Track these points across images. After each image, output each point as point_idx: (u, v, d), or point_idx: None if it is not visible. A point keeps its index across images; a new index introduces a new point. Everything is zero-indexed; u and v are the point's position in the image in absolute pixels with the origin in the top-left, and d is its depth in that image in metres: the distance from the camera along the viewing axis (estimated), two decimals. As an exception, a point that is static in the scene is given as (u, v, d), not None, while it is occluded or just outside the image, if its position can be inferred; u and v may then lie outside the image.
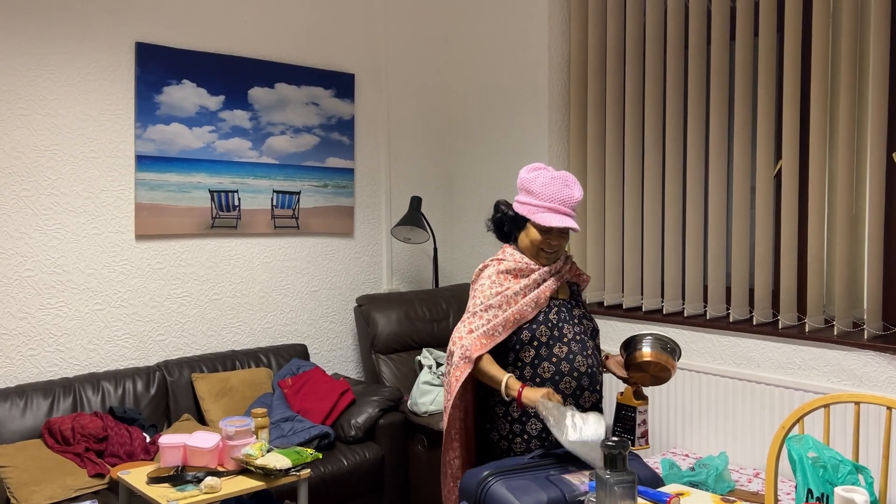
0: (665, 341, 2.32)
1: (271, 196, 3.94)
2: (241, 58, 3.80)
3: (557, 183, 2.30)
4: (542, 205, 2.29)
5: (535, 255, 2.37)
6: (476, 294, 2.35)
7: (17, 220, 3.20)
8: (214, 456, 2.62)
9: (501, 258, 2.40)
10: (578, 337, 2.33)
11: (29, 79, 3.21)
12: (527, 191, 2.33)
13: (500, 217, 2.45)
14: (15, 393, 3.07)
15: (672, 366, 2.31)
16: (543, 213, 2.29)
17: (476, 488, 2.08)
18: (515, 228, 2.42)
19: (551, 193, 2.29)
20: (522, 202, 2.35)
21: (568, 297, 2.42)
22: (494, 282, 2.34)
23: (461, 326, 2.32)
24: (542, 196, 2.29)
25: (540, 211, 2.29)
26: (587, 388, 2.29)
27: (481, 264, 2.43)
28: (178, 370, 3.49)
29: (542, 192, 2.29)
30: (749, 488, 3.06)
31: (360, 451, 3.37)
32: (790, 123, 3.25)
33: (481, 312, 2.30)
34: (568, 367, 2.27)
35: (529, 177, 2.34)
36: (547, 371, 2.27)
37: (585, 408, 2.30)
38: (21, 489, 2.75)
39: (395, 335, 3.99)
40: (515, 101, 4.26)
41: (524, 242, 2.38)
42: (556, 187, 2.29)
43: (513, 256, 2.38)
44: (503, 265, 2.36)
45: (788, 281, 3.27)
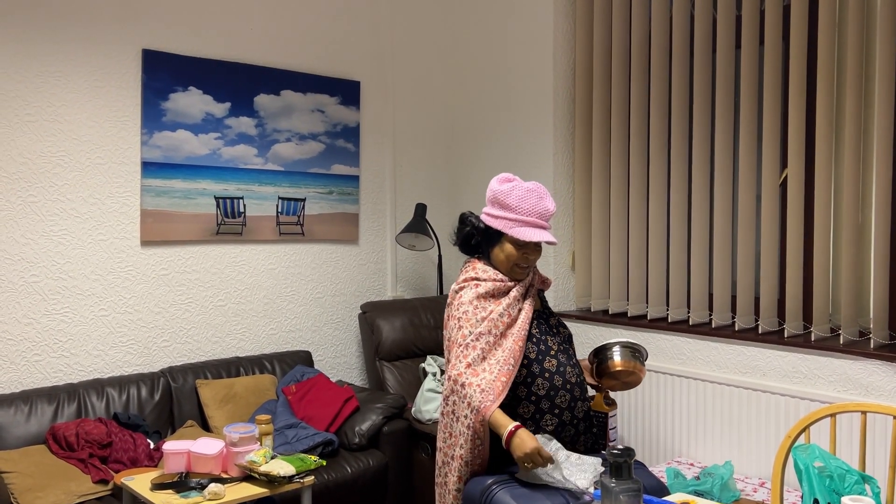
0: (634, 349, 2.34)
1: (276, 203, 3.95)
2: (246, 65, 3.82)
3: (533, 196, 2.23)
4: (518, 218, 2.22)
5: (509, 270, 2.29)
6: (461, 323, 2.22)
7: (23, 226, 3.21)
8: (218, 462, 2.62)
9: (476, 277, 2.29)
10: (562, 347, 2.32)
11: (36, 85, 3.23)
12: (500, 204, 2.24)
13: (470, 231, 2.36)
14: (20, 398, 3.08)
15: (642, 371, 2.32)
16: (521, 228, 2.22)
17: (480, 496, 2.07)
18: (487, 243, 2.33)
19: (528, 207, 2.21)
20: (496, 216, 2.26)
21: (540, 307, 2.40)
22: (477, 307, 2.23)
23: (457, 363, 2.17)
24: (519, 210, 2.21)
25: (516, 225, 2.22)
26: (579, 399, 2.28)
27: (455, 285, 2.32)
28: (182, 376, 3.49)
29: (519, 206, 2.21)
30: (754, 498, 3.04)
31: (364, 458, 3.37)
32: (796, 132, 3.24)
33: (473, 343, 2.18)
34: (561, 381, 2.25)
35: (503, 189, 2.24)
36: (542, 388, 2.21)
37: (580, 418, 2.28)
38: (25, 495, 2.75)
39: (400, 342, 3.98)
40: (520, 109, 4.27)
41: (499, 258, 2.29)
42: (533, 201, 2.22)
43: (486, 274, 2.29)
44: (482, 288, 2.26)
45: (794, 289, 3.26)
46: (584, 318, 3.98)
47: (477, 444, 2.16)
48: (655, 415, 3.65)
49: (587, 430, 2.31)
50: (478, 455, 2.18)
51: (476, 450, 2.17)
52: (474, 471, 2.20)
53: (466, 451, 2.17)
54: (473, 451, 2.16)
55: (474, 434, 2.14)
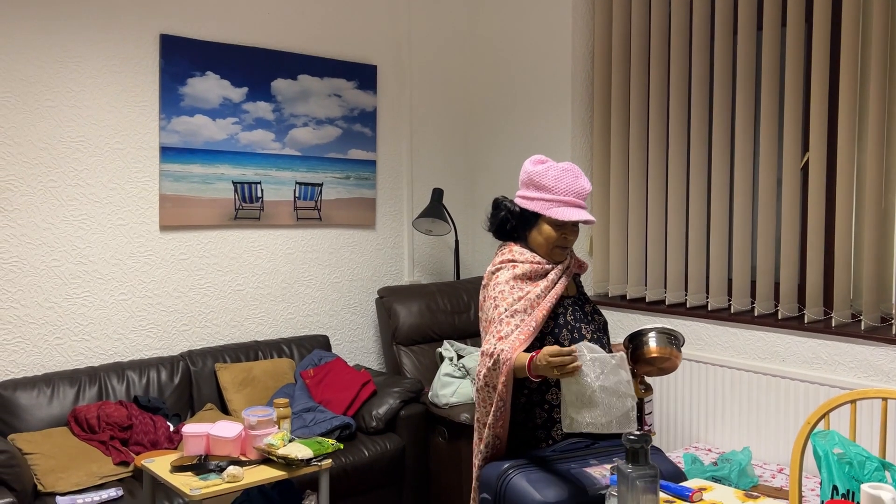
0: (670, 334, 2.29)
1: (294, 188, 3.96)
2: (264, 49, 3.81)
3: (569, 175, 2.20)
4: (555, 199, 2.19)
5: (549, 252, 2.26)
6: (497, 302, 2.19)
7: (43, 211, 3.24)
8: (237, 445, 2.64)
9: (512, 259, 2.25)
10: (596, 335, 2.29)
11: (55, 70, 3.25)
12: (536, 185, 2.21)
13: (505, 215, 2.31)
14: (42, 381, 3.12)
15: (678, 357, 2.27)
16: (559, 208, 2.19)
17: (497, 481, 2.07)
18: (523, 226, 2.28)
19: (564, 186, 2.18)
20: (532, 197, 2.23)
21: (576, 294, 2.36)
22: (514, 287, 2.20)
23: (489, 338, 2.16)
24: (556, 190, 2.18)
25: (554, 205, 2.19)
26: None
27: (491, 266, 2.27)
28: (201, 360, 3.52)
29: (556, 186, 2.18)
30: (772, 484, 3.03)
31: (382, 442, 3.38)
32: (818, 115, 3.20)
33: (507, 319, 2.15)
34: None
35: (538, 170, 2.21)
36: None
37: None
38: (48, 475, 2.79)
39: (417, 327, 3.99)
40: (539, 93, 4.24)
41: (537, 240, 2.25)
42: (569, 180, 2.19)
43: (523, 256, 2.25)
44: (518, 269, 2.22)
45: (815, 275, 3.23)
46: (602, 303, 3.96)
47: (500, 406, 2.13)
48: (674, 400, 3.63)
49: None
50: (500, 417, 2.15)
51: (499, 412, 2.14)
52: (497, 434, 2.17)
53: (490, 415, 2.15)
54: (496, 413, 2.14)
55: (498, 398, 2.12)
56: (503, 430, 2.20)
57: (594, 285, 4.09)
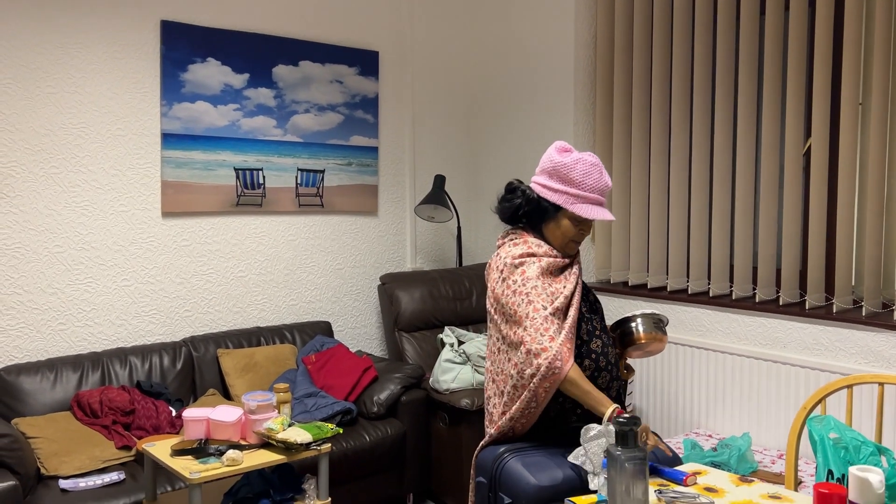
0: (656, 318, 2.35)
1: (296, 174, 3.96)
2: (265, 35, 3.81)
3: (596, 171, 2.15)
4: (581, 195, 2.13)
5: (563, 245, 2.21)
6: (531, 298, 2.08)
7: (46, 197, 3.26)
8: (237, 430, 2.66)
9: (532, 253, 2.17)
10: (602, 325, 2.29)
11: (56, 56, 3.25)
12: (562, 178, 2.14)
13: (521, 202, 2.22)
14: (45, 366, 3.14)
15: (664, 340, 2.34)
16: (583, 205, 2.14)
17: (492, 464, 2.09)
18: (539, 216, 2.21)
19: (592, 182, 2.13)
20: (556, 189, 2.16)
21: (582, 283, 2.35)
22: (546, 282, 2.12)
23: (539, 336, 2.04)
24: (583, 185, 2.13)
25: (579, 202, 2.14)
26: (615, 378, 2.25)
27: (510, 259, 2.15)
28: (203, 346, 3.54)
29: (583, 181, 2.13)
30: (772, 469, 3.03)
31: (383, 427, 3.40)
32: (820, 100, 3.18)
33: (551, 317, 2.06)
34: (604, 362, 2.20)
35: (566, 162, 2.14)
36: (588, 369, 2.15)
37: (613, 397, 2.25)
38: (51, 459, 2.82)
39: (419, 313, 4.00)
40: (541, 79, 4.22)
41: (554, 233, 2.20)
42: (596, 176, 2.14)
43: (541, 249, 2.18)
44: (544, 263, 2.14)
45: (816, 261, 3.21)
46: (603, 289, 3.96)
47: (532, 407, 2.10)
48: (674, 386, 3.64)
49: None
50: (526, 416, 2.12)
51: (528, 411, 2.11)
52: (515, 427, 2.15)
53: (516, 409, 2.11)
54: (525, 411, 2.11)
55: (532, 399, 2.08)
56: (524, 427, 2.17)
57: (596, 272, 4.08)
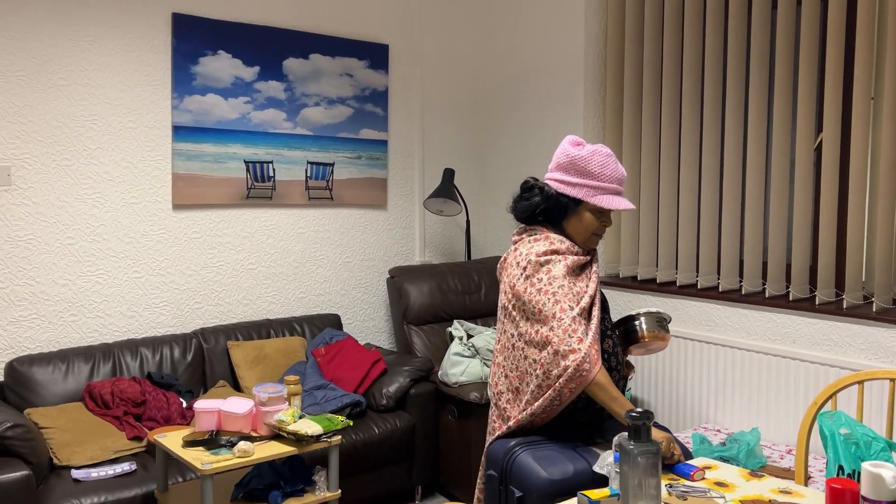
0: (659, 317, 2.40)
1: (305, 167, 3.97)
2: (275, 28, 3.81)
3: (612, 161, 2.15)
4: (600, 186, 2.13)
5: (586, 239, 2.20)
6: (558, 297, 2.06)
7: (58, 189, 3.27)
8: (248, 421, 2.67)
9: (556, 250, 2.14)
10: (610, 325, 2.30)
11: (68, 49, 3.26)
12: (579, 170, 2.13)
13: (539, 200, 2.18)
14: (57, 357, 3.16)
15: (667, 338, 2.39)
16: (605, 196, 2.13)
17: (503, 458, 2.09)
18: (559, 212, 2.18)
19: (610, 173, 2.13)
20: (575, 183, 2.14)
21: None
22: (571, 282, 2.10)
23: (567, 338, 2.02)
24: (601, 176, 2.12)
25: (599, 193, 2.13)
26: (622, 377, 2.28)
27: (535, 257, 2.12)
28: (214, 338, 3.56)
29: (601, 172, 2.12)
30: (781, 465, 3.03)
31: (392, 419, 3.41)
32: (832, 95, 3.16)
33: (579, 318, 2.04)
34: (615, 362, 2.21)
35: (582, 154, 2.13)
36: None
37: None
38: (63, 449, 2.84)
39: (427, 307, 4.01)
40: (551, 73, 4.21)
41: (576, 228, 2.18)
42: (613, 166, 2.14)
43: (564, 245, 2.15)
44: (569, 261, 2.11)
45: (827, 256, 3.21)
46: (612, 284, 3.96)
47: (555, 405, 2.09)
48: (683, 381, 3.64)
49: None
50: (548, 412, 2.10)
51: (551, 408, 2.09)
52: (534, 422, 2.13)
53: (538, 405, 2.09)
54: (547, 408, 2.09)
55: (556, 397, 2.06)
56: (542, 422, 2.15)
57: (605, 266, 4.08)
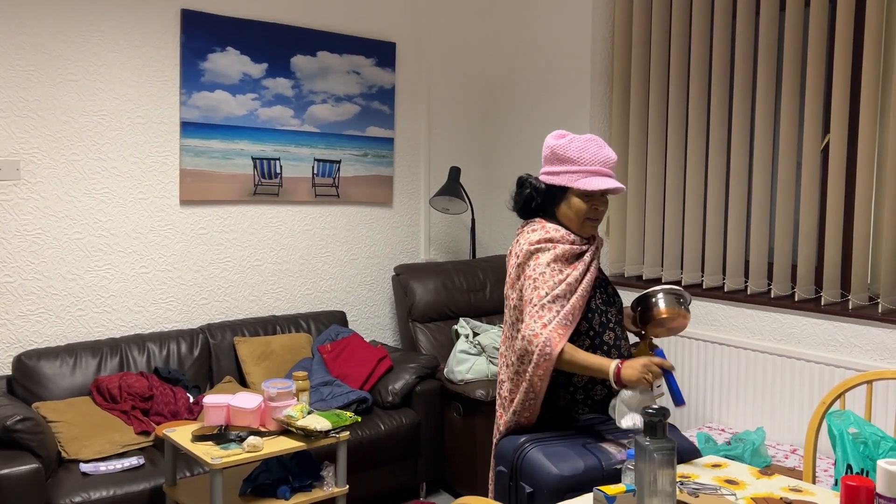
0: (678, 294, 2.30)
1: (312, 164, 3.98)
2: (283, 25, 3.82)
3: (593, 145, 2.18)
4: (581, 169, 2.17)
5: (580, 226, 2.24)
6: (538, 284, 2.15)
7: (66, 184, 3.28)
8: (256, 416, 2.68)
9: (550, 238, 2.20)
10: (618, 319, 2.30)
11: (77, 44, 3.27)
12: (560, 159, 2.20)
13: (530, 193, 2.26)
14: (65, 351, 3.17)
15: (686, 317, 2.29)
16: (587, 178, 2.17)
17: (513, 454, 2.10)
18: (551, 203, 2.25)
19: (590, 156, 2.17)
20: (557, 171, 2.21)
21: (598, 273, 2.34)
22: (554, 269, 2.17)
23: (532, 323, 2.12)
24: (581, 160, 2.17)
25: (581, 176, 2.17)
26: None
27: (528, 245, 2.20)
28: (220, 333, 3.56)
29: (580, 157, 2.17)
30: (785, 464, 3.04)
31: (397, 416, 3.42)
32: (840, 96, 3.17)
33: (549, 304, 2.12)
34: (616, 355, 2.23)
35: (561, 143, 2.19)
36: None
37: None
38: (71, 443, 2.85)
39: (433, 304, 4.01)
40: (557, 72, 4.22)
41: (567, 215, 2.23)
42: (593, 149, 2.18)
43: (559, 233, 2.21)
44: (559, 250, 2.18)
45: (833, 257, 3.22)
46: (617, 283, 3.97)
47: (530, 398, 2.16)
48: (688, 380, 3.65)
49: None
50: (527, 409, 2.18)
51: (528, 402, 2.17)
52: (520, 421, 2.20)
53: (517, 402, 2.18)
54: (525, 403, 2.18)
55: (530, 389, 2.14)
56: (528, 421, 2.20)
57: (610, 265, 4.09)
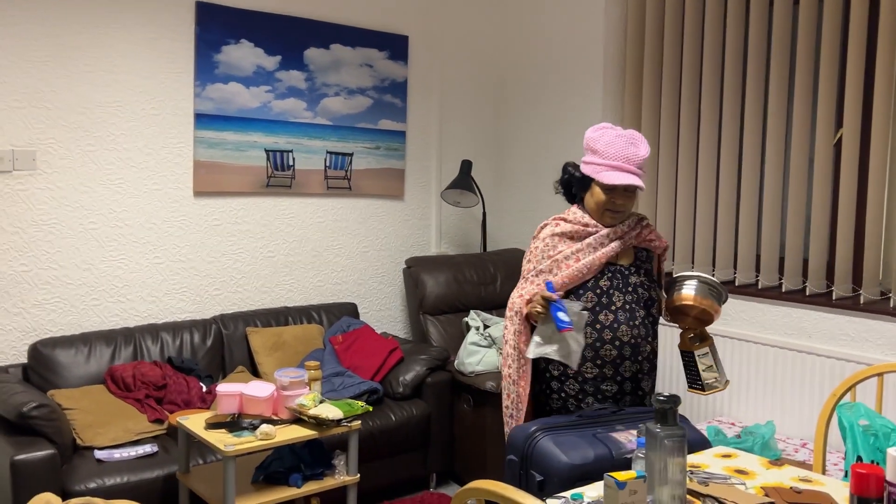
0: (709, 284, 2.25)
1: (325, 157, 4.00)
2: (297, 18, 3.84)
3: (622, 141, 2.27)
4: (605, 163, 2.26)
5: (600, 215, 2.34)
6: (530, 258, 2.37)
7: (81, 174, 3.31)
8: (269, 405, 2.71)
9: (563, 218, 2.39)
10: (628, 306, 2.31)
11: (93, 35, 3.30)
12: (591, 150, 2.30)
13: (568, 178, 2.42)
14: (79, 340, 3.20)
15: (712, 307, 2.23)
16: (606, 172, 2.26)
17: (524, 443, 2.12)
18: (581, 189, 2.38)
19: (615, 151, 2.25)
20: (588, 162, 2.32)
21: (629, 264, 2.37)
22: (548, 245, 2.35)
23: (514, 293, 2.35)
24: (606, 154, 2.26)
25: (603, 169, 2.27)
26: (628, 358, 2.29)
27: (543, 221, 2.44)
28: (233, 324, 3.59)
29: (606, 151, 2.26)
30: (795, 458, 3.05)
31: (408, 407, 3.44)
32: (853, 90, 3.16)
33: (532, 278, 2.32)
34: (610, 336, 2.26)
35: (594, 136, 2.31)
36: (589, 336, 2.27)
37: (625, 377, 2.30)
38: (86, 430, 2.88)
39: (443, 297, 4.03)
40: (570, 65, 4.22)
41: (590, 203, 2.35)
42: (621, 145, 2.26)
43: (574, 216, 2.37)
44: (560, 227, 2.35)
45: (844, 252, 3.22)
46: (628, 276, 3.97)
47: (520, 361, 2.33)
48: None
49: (634, 391, 2.33)
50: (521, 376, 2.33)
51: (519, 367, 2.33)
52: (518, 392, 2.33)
53: (514, 370, 2.34)
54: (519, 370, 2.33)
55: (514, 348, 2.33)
56: (524, 389, 2.32)
57: (621, 259, 4.09)
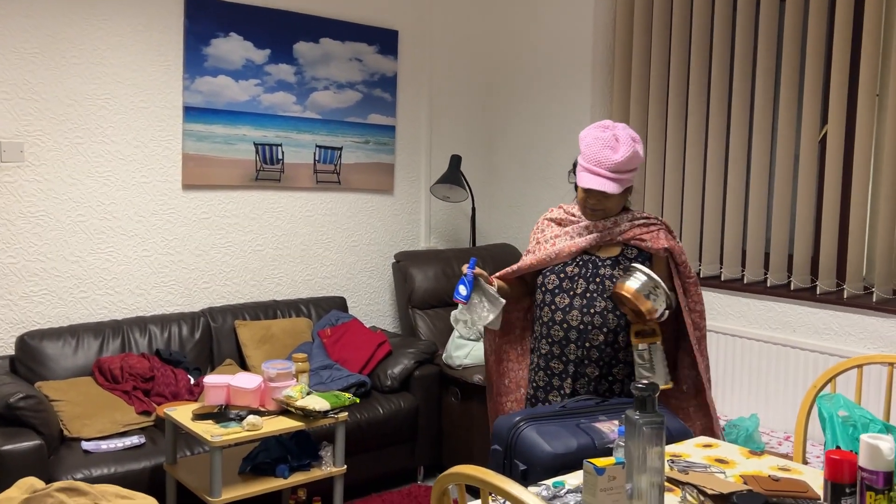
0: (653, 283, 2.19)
1: (314, 151, 4.00)
2: (287, 11, 3.84)
3: (598, 144, 2.30)
4: (582, 164, 2.33)
5: (582, 211, 2.44)
6: (530, 238, 2.57)
7: (70, 167, 3.31)
8: (256, 396, 2.72)
9: (562, 206, 2.54)
10: (589, 294, 2.34)
11: (82, 28, 3.30)
12: (580, 148, 2.37)
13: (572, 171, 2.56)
14: (67, 332, 3.21)
15: (638, 300, 2.19)
16: (581, 173, 2.33)
17: (508, 433, 2.14)
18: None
19: (590, 154, 2.30)
20: (576, 161, 2.42)
21: (608, 257, 2.39)
22: (538, 227, 2.53)
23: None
24: (584, 156, 2.32)
25: (581, 170, 2.34)
26: (573, 342, 2.33)
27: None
28: (221, 317, 3.60)
29: (585, 152, 2.32)
30: (779, 451, 3.08)
31: (396, 400, 3.46)
32: (838, 88, 3.19)
33: (523, 256, 2.51)
34: (561, 317, 2.35)
35: (582, 135, 2.37)
36: (545, 316, 2.42)
37: (570, 359, 2.35)
38: (73, 422, 2.89)
39: (432, 291, 4.05)
40: (559, 61, 4.24)
41: (577, 199, 2.45)
42: (596, 148, 2.29)
43: (569, 206, 2.52)
44: (554, 213, 2.52)
45: (829, 247, 3.25)
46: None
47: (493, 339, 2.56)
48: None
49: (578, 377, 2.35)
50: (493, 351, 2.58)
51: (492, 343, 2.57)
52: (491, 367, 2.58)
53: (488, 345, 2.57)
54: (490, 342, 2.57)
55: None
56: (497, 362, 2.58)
57: (609, 254, 4.12)
